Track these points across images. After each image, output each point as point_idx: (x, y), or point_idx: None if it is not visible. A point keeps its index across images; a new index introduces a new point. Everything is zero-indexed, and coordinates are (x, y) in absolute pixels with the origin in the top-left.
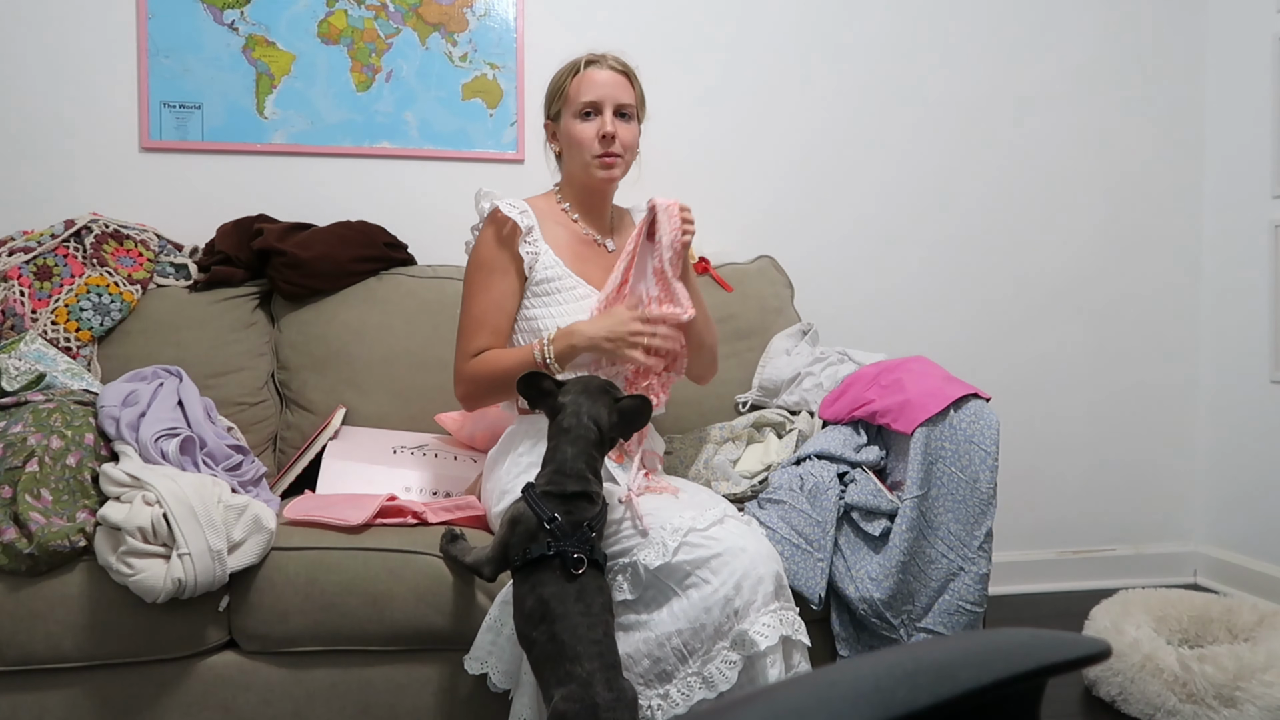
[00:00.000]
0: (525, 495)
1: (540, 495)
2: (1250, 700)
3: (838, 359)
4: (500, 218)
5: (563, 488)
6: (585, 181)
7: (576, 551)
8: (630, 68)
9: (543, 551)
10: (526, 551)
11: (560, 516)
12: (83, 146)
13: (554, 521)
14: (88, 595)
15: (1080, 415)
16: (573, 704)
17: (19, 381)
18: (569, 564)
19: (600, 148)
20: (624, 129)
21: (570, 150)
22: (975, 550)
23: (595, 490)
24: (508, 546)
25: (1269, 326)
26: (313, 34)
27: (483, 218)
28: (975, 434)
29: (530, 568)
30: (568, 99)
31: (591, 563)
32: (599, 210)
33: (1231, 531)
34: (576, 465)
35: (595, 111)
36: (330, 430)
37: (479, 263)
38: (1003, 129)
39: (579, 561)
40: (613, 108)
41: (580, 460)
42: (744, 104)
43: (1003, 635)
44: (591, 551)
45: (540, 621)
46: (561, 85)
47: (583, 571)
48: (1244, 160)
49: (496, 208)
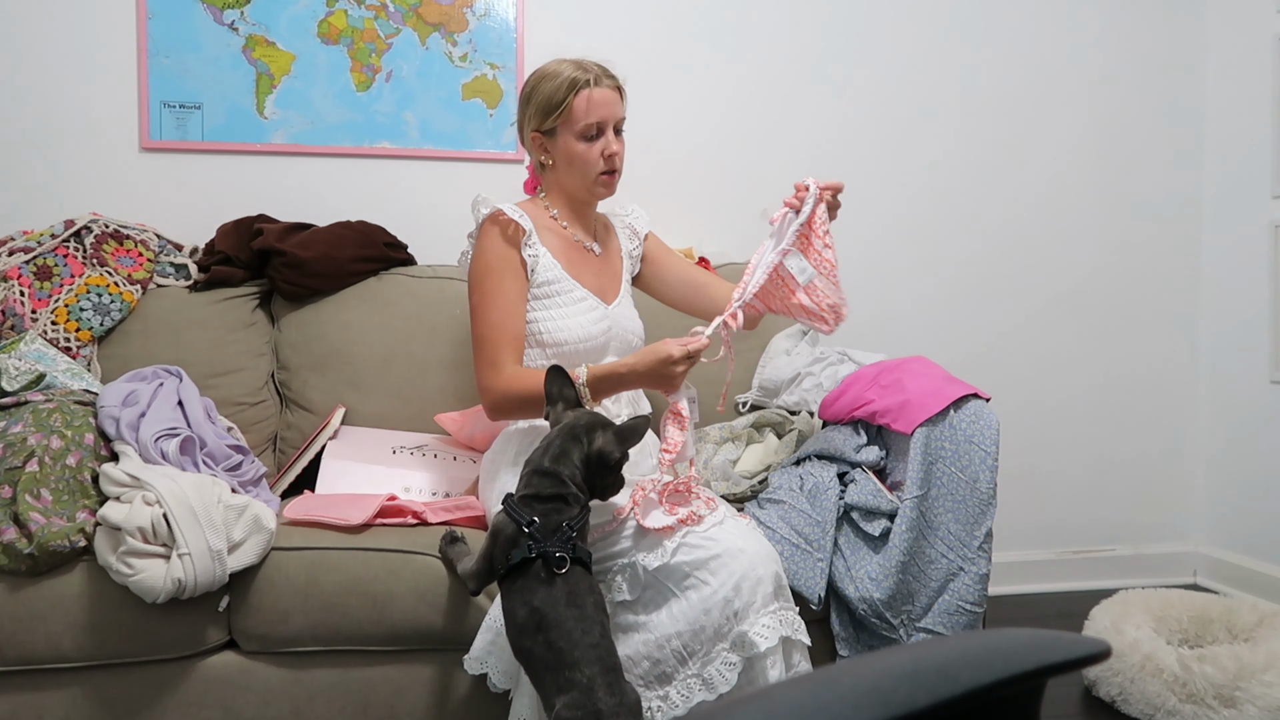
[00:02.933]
0: (504, 505)
1: (518, 501)
2: (1250, 700)
3: (837, 359)
4: (504, 219)
5: (538, 490)
6: (582, 196)
7: (558, 551)
8: (621, 81)
9: (524, 555)
10: (509, 558)
11: (539, 519)
12: (83, 146)
13: (532, 524)
14: (88, 595)
15: (1080, 415)
16: (575, 711)
17: (19, 381)
18: (551, 563)
19: (604, 166)
20: (620, 144)
21: (569, 167)
22: (975, 550)
23: (572, 492)
24: (492, 558)
25: (1269, 326)
26: (313, 34)
27: (480, 223)
28: (975, 434)
29: (516, 576)
30: (570, 118)
31: (576, 561)
32: (587, 217)
33: (1231, 531)
34: (553, 467)
35: (599, 132)
36: (330, 430)
37: (487, 267)
38: (1002, 130)
39: (561, 561)
40: (613, 125)
41: (556, 462)
42: (745, 104)
43: (1003, 635)
44: (574, 550)
45: (535, 631)
46: (563, 103)
47: (566, 570)
48: (1244, 161)
49: (499, 209)
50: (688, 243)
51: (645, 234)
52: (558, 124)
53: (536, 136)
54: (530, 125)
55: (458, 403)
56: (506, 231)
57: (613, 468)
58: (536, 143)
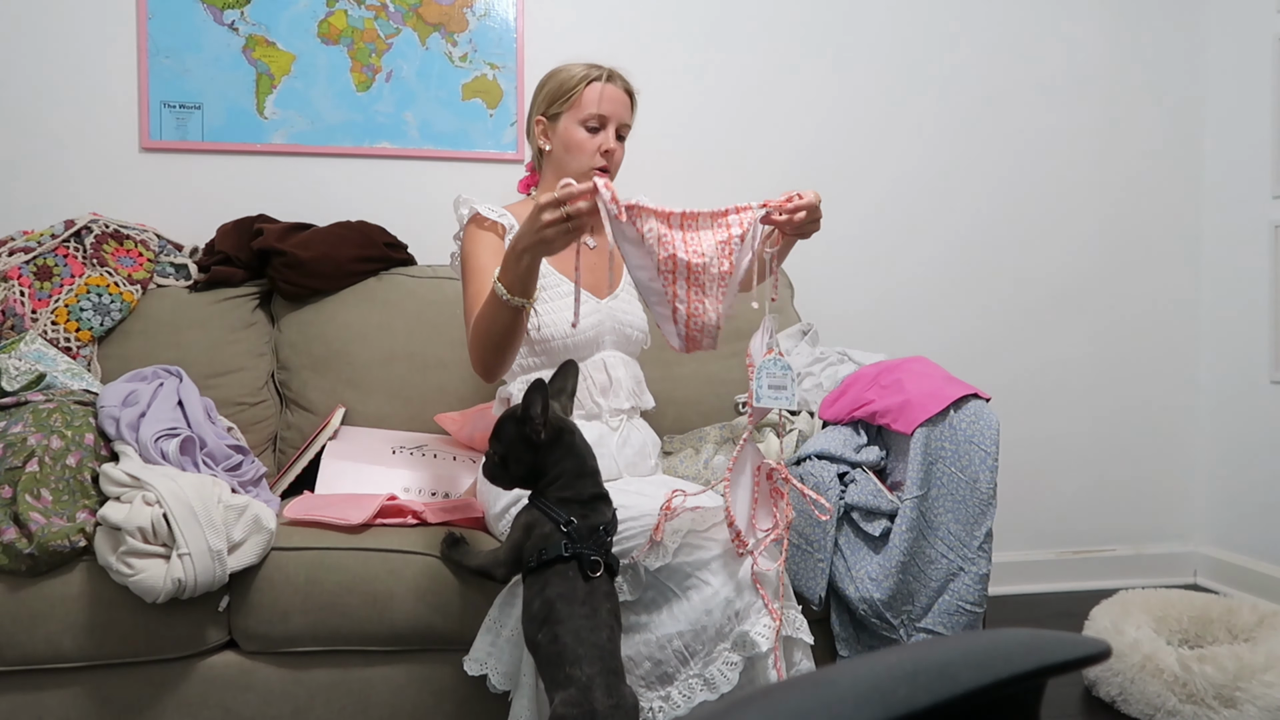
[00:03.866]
0: (535, 503)
1: (556, 502)
2: (1250, 701)
3: (838, 359)
4: (486, 222)
5: (580, 493)
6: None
7: (594, 554)
8: (635, 92)
9: (559, 553)
10: (542, 553)
11: (576, 520)
12: (83, 146)
13: (570, 524)
14: (88, 595)
15: (1080, 415)
16: (572, 709)
17: (19, 381)
18: (585, 566)
19: (599, 161)
20: (619, 150)
21: (566, 154)
22: (975, 550)
23: (605, 492)
24: (521, 549)
25: (1269, 326)
26: (313, 34)
27: (464, 224)
28: (975, 434)
29: (542, 569)
30: (577, 104)
31: (606, 567)
32: None
33: (1231, 531)
34: (593, 464)
35: (601, 126)
36: (330, 430)
37: (471, 250)
38: (1003, 130)
39: (595, 564)
40: (616, 126)
41: (595, 460)
42: (744, 103)
43: (1003, 635)
44: (607, 555)
45: (544, 623)
46: (573, 89)
47: (599, 574)
48: (1244, 160)
49: (477, 212)
50: None
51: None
52: (563, 109)
53: (540, 120)
54: (537, 111)
55: (458, 403)
56: (483, 224)
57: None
58: (540, 127)
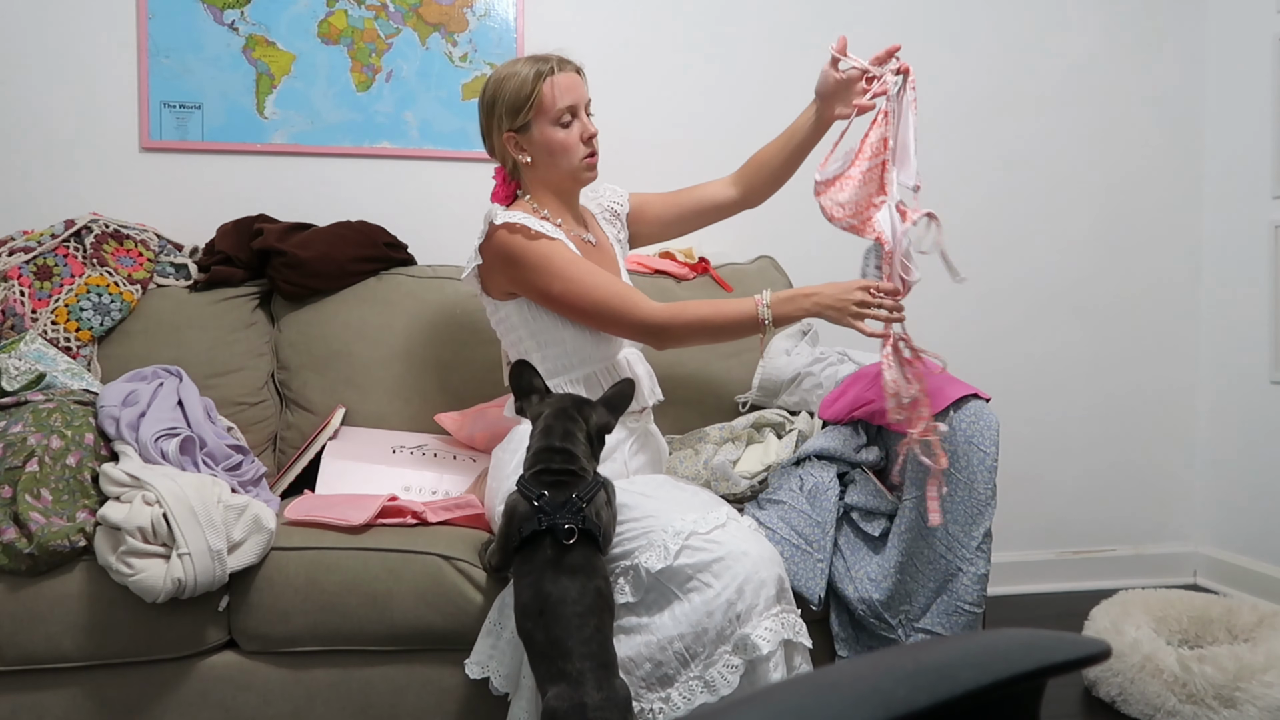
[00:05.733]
0: (518, 485)
1: (529, 479)
2: (1250, 701)
3: (838, 359)
4: (520, 227)
5: (548, 465)
6: (568, 185)
7: (567, 523)
8: (579, 64)
9: (534, 528)
10: (520, 532)
11: (548, 493)
12: (83, 146)
13: (541, 498)
14: (88, 595)
15: (1080, 415)
16: (563, 702)
17: (19, 381)
18: (560, 535)
19: (586, 150)
20: (592, 125)
21: (551, 158)
22: (974, 551)
23: (582, 465)
24: (508, 536)
25: (1269, 326)
26: (313, 34)
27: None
28: (975, 434)
29: (528, 553)
30: (541, 108)
31: (585, 534)
32: (575, 208)
33: (1231, 532)
34: (564, 444)
35: (574, 115)
36: (330, 430)
37: (547, 254)
38: (1003, 129)
39: (570, 532)
40: (583, 107)
41: (565, 440)
42: (743, 102)
43: (1003, 636)
44: (583, 522)
45: (537, 616)
46: (531, 95)
47: (573, 541)
48: (1244, 160)
49: (509, 221)
50: (687, 242)
51: (626, 213)
52: (530, 117)
53: (510, 137)
54: (501, 128)
55: (458, 403)
56: (544, 237)
57: (604, 439)
58: (511, 143)
